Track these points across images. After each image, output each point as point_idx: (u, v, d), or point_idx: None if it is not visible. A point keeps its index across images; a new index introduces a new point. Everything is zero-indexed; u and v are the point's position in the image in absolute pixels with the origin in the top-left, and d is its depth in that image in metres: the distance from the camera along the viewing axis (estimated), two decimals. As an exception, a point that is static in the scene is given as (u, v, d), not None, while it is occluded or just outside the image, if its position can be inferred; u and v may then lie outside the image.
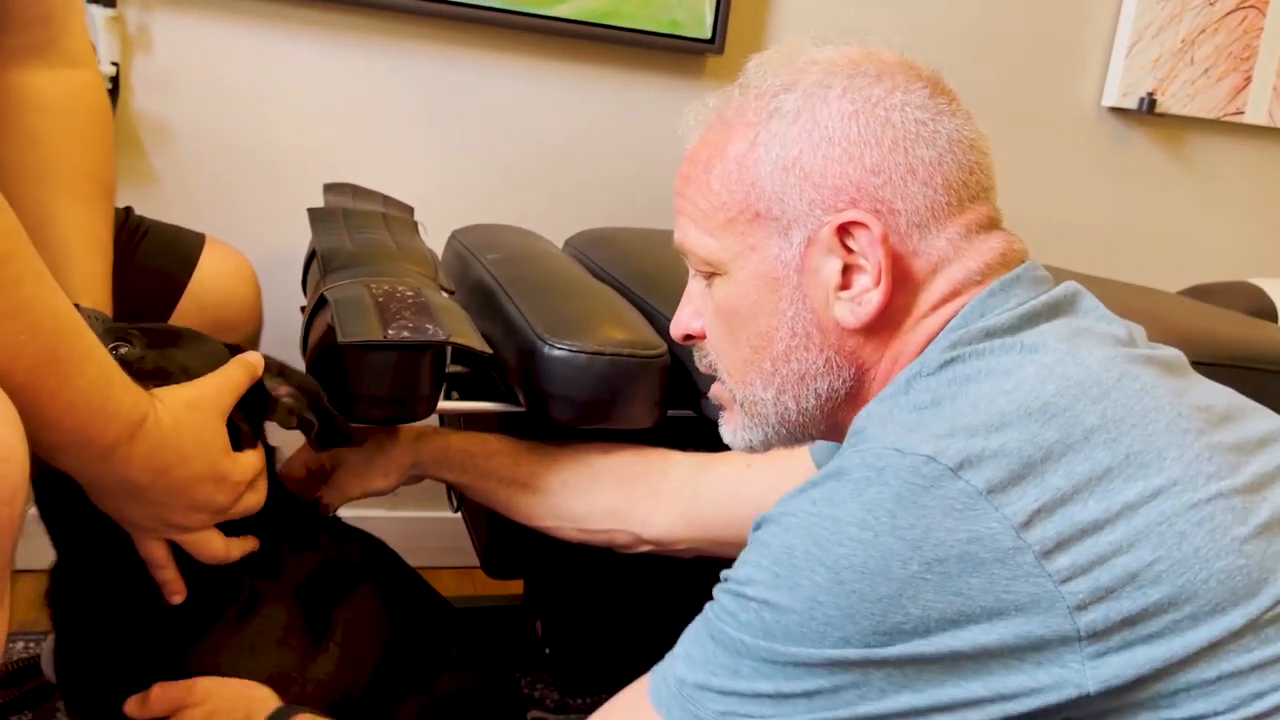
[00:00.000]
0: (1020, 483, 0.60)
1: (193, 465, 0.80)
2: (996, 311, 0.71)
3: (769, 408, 0.78)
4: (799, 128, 0.73)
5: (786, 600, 0.62)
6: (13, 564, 0.64)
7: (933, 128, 0.73)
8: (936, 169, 0.72)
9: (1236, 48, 2.11)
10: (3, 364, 0.63)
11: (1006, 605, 0.59)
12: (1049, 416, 0.62)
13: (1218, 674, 0.60)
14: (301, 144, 1.69)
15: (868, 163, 0.72)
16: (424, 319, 0.99)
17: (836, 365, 0.75)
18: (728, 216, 0.76)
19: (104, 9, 1.53)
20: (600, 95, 1.82)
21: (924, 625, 0.60)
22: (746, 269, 0.76)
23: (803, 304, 0.74)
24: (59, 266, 0.97)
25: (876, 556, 0.60)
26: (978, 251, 0.74)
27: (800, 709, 0.62)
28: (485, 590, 1.74)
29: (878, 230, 0.71)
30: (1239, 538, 0.61)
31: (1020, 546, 0.59)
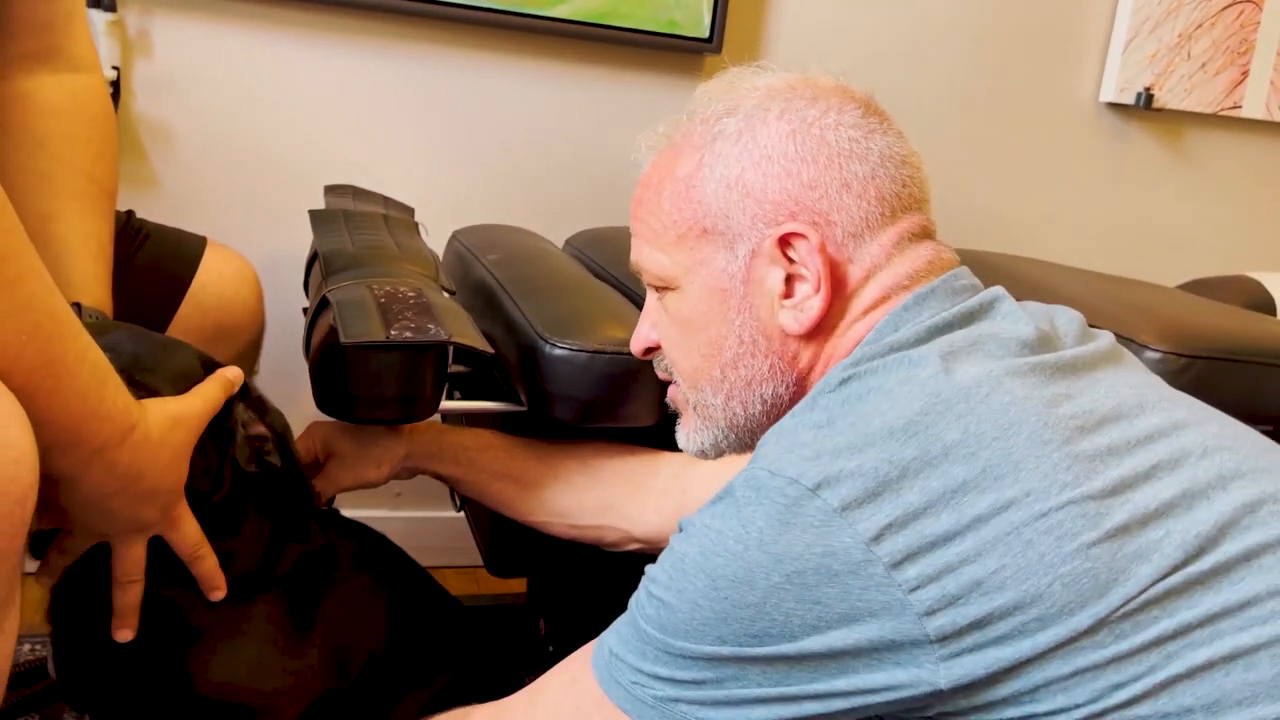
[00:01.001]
0: (874, 500, 0.64)
1: (161, 480, 0.80)
2: (908, 325, 0.75)
3: (719, 412, 0.83)
4: (740, 148, 0.79)
5: (675, 600, 0.69)
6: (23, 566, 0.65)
7: (865, 145, 0.78)
8: (869, 183, 0.78)
9: (1233, 42, 2.12)
10: (4, 364, 0.63)
11: (860, 612, 0.64)
12: (910, 435, 0.66)
13: (1073, 669, 0.64)
14: (302, 146, 1.69)
15: (805, 178, 0.77)
16: (426, 319, 1.00)
17: (780, 371, 0.80)
18: (678, 234, 0.81)
19: (104, 13, 1.53)
20: (599, 95, 1.82)
21: (788, 629, 0.66)
22: (696, 282, 0.81)
23: (749, 313, 0.80)
24: (60, 267, 0.98)
25: (745, 568, 0.66)
26: (907, 259, 0.78)
27: (690, 690, 0.69)
28: (488, 589, 1.74)
29: (815, 240, 0.76)
30: (1087, 542, 0.64)
31: (870, 559, 0.64)
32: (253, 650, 0.92)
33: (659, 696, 0.70)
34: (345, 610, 0.98)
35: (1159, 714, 0.63)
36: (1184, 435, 0.71)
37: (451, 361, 1.09)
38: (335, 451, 1.11)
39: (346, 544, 1.02)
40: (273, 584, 0.94)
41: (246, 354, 1.27)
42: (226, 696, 0.90)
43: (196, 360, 0.89)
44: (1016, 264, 1.61)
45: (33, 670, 1.41)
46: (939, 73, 2.00)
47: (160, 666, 0.89)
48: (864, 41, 1.94)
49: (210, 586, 0.89)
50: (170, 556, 0.87)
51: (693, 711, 0.69)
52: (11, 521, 0.60)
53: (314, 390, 1.03)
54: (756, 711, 0.68)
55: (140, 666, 0.90)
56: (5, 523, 0.59)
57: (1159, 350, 1.20)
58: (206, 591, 0.89)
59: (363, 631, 0.99)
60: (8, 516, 0.59)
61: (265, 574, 0.94)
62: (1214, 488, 0.68)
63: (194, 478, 0.85)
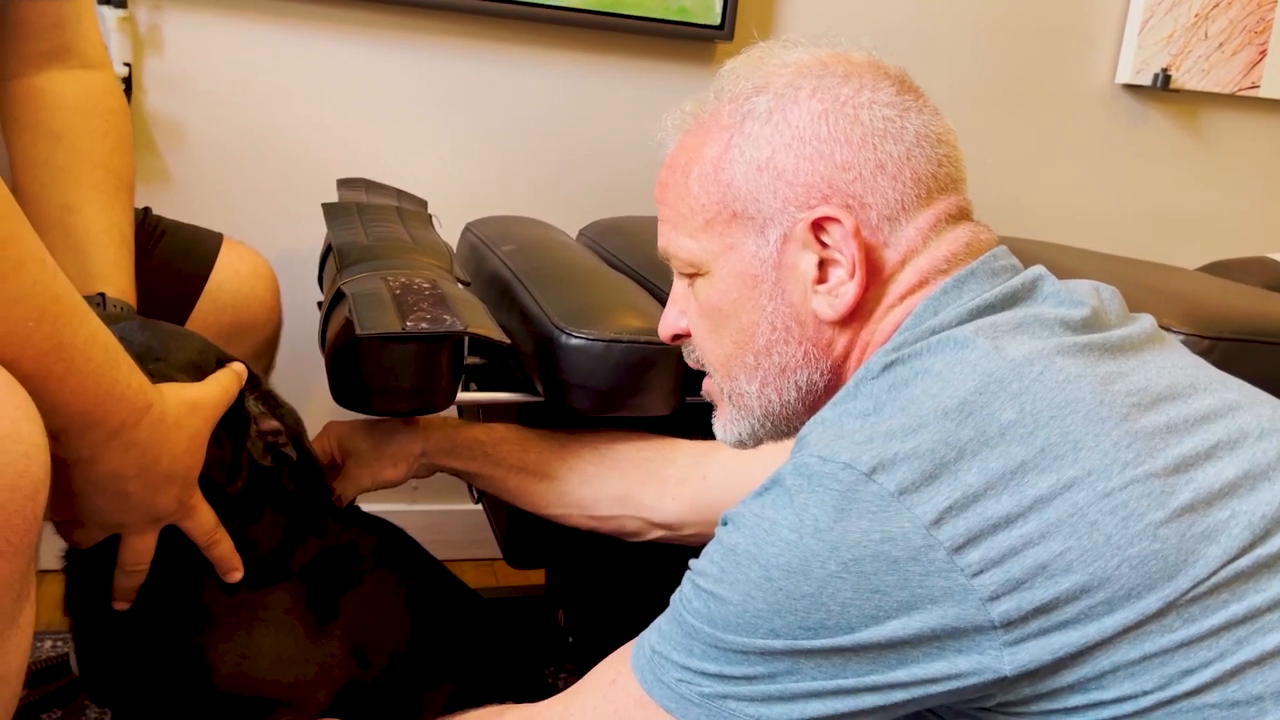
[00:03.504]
0: (932, 482, 0.63)
1: (177, 464, 0.80)
2: (949, 308, 0.73)
3: (754, 401, 0.81)
4: (771, 128, 0.76)
5: (726, 593, 0.67)
6: (38, 561, 0.65)
7: (900, 124, 0.76)
8: (905, 163, 0.75)
9: (1250, 21, 2.10)
10: (11, 352, 0.63)
11: (921, 599, 0.62)
12: (964, 415, 0.64)
13: (1141, 654, 0.62)
14: (314, 140, 1.69)
15: (838, 159, 0.74)
16: (441, 310, 1.00)
17: (814, 358, 0.78)
18: (706, 218, 0.79)
19: (115, 10, 1.53)
20: (611, 84, 1.81)
21: (845, 620, 0.64)
22: (726, 268, 0.79)
23: (781, 299, 0.77)
24: (83, 258, 0.98)
25: (800, 557, 0.64)
26: (944, 242, 0.76)
27: (740, 685, 0.67)
28: (507, 581, 1.74)
29: (850, 224, 0.73)
30: (1154, 522, 0.62)
31: (931, 544, 0.62)
32: (272, 641, 0.92)
33: (706, 693, 0.68)
34: (367, 605, 0.98)
35: (1228, 702, 0.62)
36: (1239, 416, 0.69)
37: (467, 353, 1.09)
38: (351, 451, 1.10)
39: (368, 540, 1.02)
40: (290, 576, 0.94)
41: (263, 350, 1.27)
42: (245, 689, 0.90)
43: (208, 350, 0.89)
44: (1034, 249, 1.60)
45: (54, 666, 1.41)
46: (952, 57, 1.98)
47: (178, 659, 0.89)
48: (876, 27, 1.92)
49: (227, 569, 0.89)
50: (187, 546, 0.86)
51: (742, 708, 0.67)
52: (24, 516, 0.60)
53: (330, 383, 1.03)
54: (811, 706, 0.66)
55: (159, 659, 0.90)
56: (18, 518, 0.59)
57: (1181, 332, 1.19)
58: (223, 574, 0.89)
59: (385, 626, 0.98)
60: (20, 512, 0.59)
61: (281, 564, 0.94)
62: (1275, 469, 0.66)
63: (209, 468, 0.84)
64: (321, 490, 1.00)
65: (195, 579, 0.90)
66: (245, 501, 0.91)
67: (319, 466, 0.98)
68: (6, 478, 0.58)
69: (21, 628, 0.64)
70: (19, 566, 0.61)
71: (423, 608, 1.03)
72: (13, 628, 0.62)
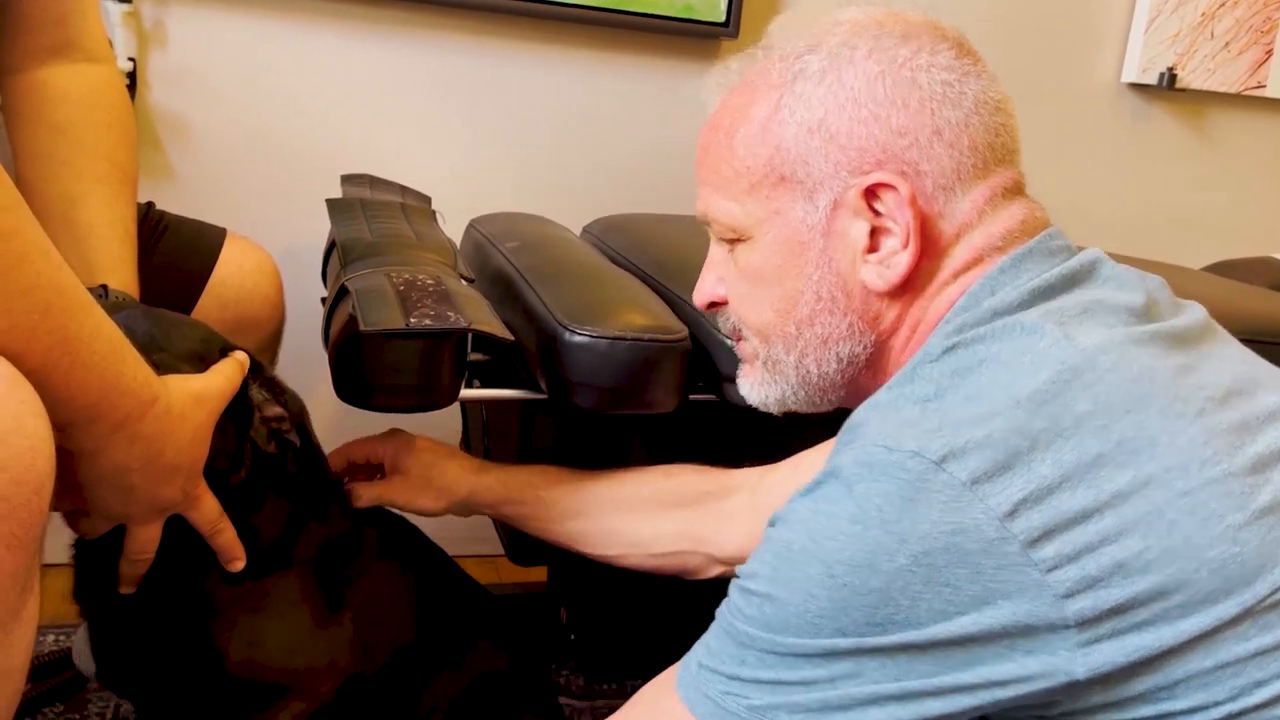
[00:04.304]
0: (1005, 473, 0.60)
1: (182, 456, 0.80)
2: (1007, 289, 0.70)
3: (790, 369, 0.79)
4: (824, 89, 0.73)
5: (784, 594, 0.64)
6: (42, 555, 0.65)
7: (959, 89, 0.72)
8: (963, 131, 0.72)
9: (1257, 21, 2.09)
10: (17, 346, 0.62)
11: (993, 594, 0.60)
12: (1038, 405, 0.62)
13: (1215, 663, 0.60)
14: (318, 135, 1.69)
15: (894, 124, 0.71)
16: (445, 307, 1.00)
17: (859, 330, 0.75)
18: (751, 181, 0.75)
19: (119, 4, 1.53)
20: (615, 81, 1.81)
21: (914, 616, 0.61)
22: (771, 233, 0.76)
23: (828, 267, 0.74)
24: (86, 250, 0.98)
25: (865, 551, 0.61)
26: (1000, 218, 0.73)
27: (795, 692, 0.64)
28: (510, 578, 1.74)
29: (906, 192, 0.70)
30: (1234, 525, 0.60)
31: (1005, 536, 0.59)
32: (279, 628, 0.92)
33: (754, 705, 0.65)
34: (372, 594, 0.98)
35: None
36: None
37: (471, 349, 1.08)
38: (401, 469, 1.08)
39: (371, 531, 1.02)
40: (293, 563, 0.94)
41: (266, 346, 1.27)
42: (257, 675, 0.91)
43: (212, 339, 0.90)
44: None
45: (56, 661, 1.41)
46: (958, 55, 1.98)
47: (188, 646, 0.90)
48: (882, 24, 1.92)
49: (230, 558, 0.89)
50: (191, 534, 0.87)
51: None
52: (29, 510, 0.60)
53: (334, 379, 1.03)
54: (871, 713, 0.62)
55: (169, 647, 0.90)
56: (23, 511, 0.59)
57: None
58: (226, 563, 0.89)
59: (390, 616, 0.99)
60: (25, 505, 0.59)
61: (285, 551, 0.94)
62: None
63: (213, 457, 0.85)
64: (324, 476, 1.00)
65: (201, 566, 0.90)
66: (249, 490, 0.91)
67: (321, 453, 0.98)
68: (12, 471, 0.58)
69: (26, 621, 0.64)
70: (24, 560, 0.61)
71: (427, 598, 1.03)
72: (17, 621, 0.63)
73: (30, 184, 1.00)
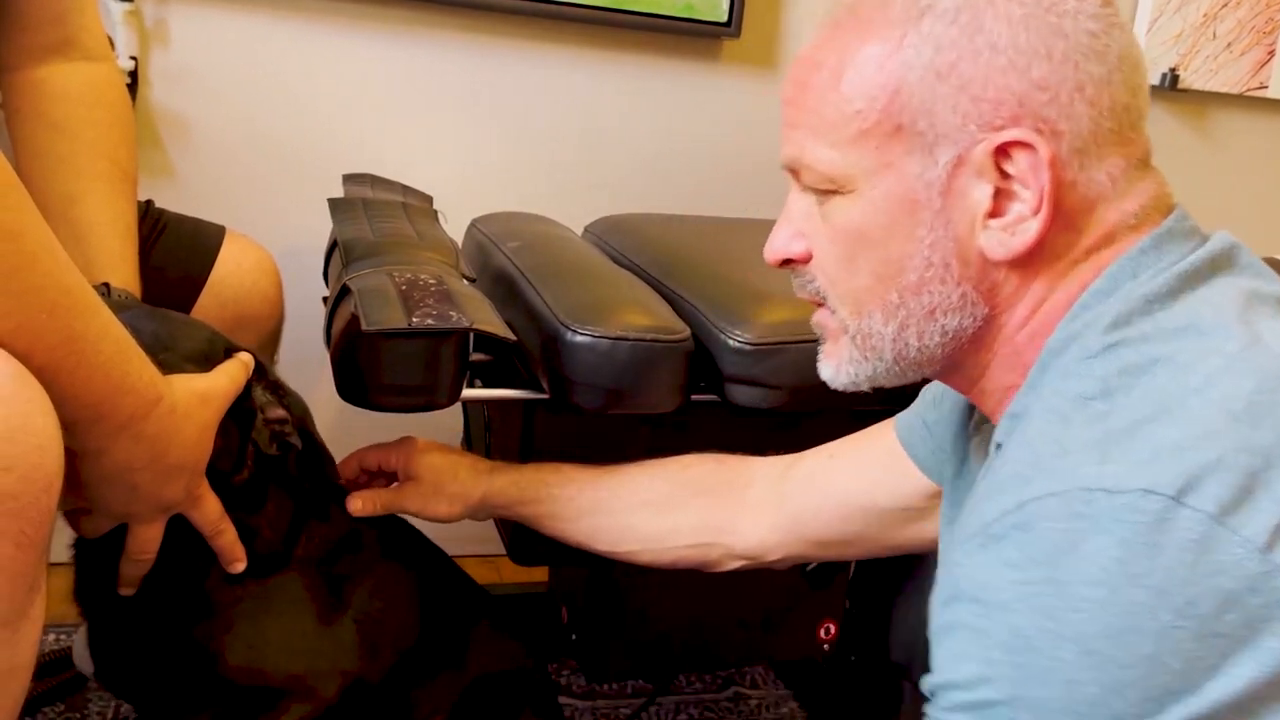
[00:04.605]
0: (1249, 497, 0.53)
1: (186, 456, 0.80)
2: (1150, 271, 0.64)
3: (886, 343, 0.71)
4: (958, 30, 0.64)
5: (1039, 692, 0.54)
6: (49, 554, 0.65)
7: (1104, 41, 0.65)
8: (1104, 89, 0.64)
9: (1259, 21, 2.09)
10: (25, 345, 0.63)
11: (1262, 635, 0.52)
12: (1257, 417, 0.55)
13: None
14: (320, 135, 1.69)
15: (1035, 76, 0.63)
16: (448, 306, 1.00)
17: (972, 301, 0.68)
18: (861, 128, 0.67)
19: (121, 3, 1.53)
20: (616, 81, 1.81)
21: (1191, 680, 0.52)
22: (879, 188, 0.67)
23: (944, 231, 0.66)
24: (87, 248, 0.98)
25: (1121, 615, 0.53)
26: (1135, 192, 0.67)
27: None
28: (511, 578, 1.74)
29: (1045, 153, 0.63)
30: None
31: (1269, 569, 0.52)
32: (282, 629, 0.92)
33: None
34: (373, 595, 0.98)
35: None
36: None
37: (472, 349, 1.08)
38: (413, 476, 1.07)
39: (370, 530, 1.02)
40: (294, 563, 0.94)
41: (266, 344, 1.27)
42: (258, 678, 0.90)
43: (217, 340, 0.90)
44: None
45: (57, 660, 1.41)
46: (960, 55, 1.98)
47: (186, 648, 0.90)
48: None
49: (230, 559, 0.89)
50: (191, 535, 0.87)
51: None
52: (38, 509, 0.60)
53: (335, 378, 1.03)
54: None
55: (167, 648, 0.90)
56: (32, 509, 0.59)
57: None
58: (227, 565, 0.89)
59: (393, 616, 0.99)
60: (34, 504, 0.59)
61: (286, 551, 0.94)
62: None
63: (215, 457, 0.85)
64: (328, 477, 1.00)
65: (201, 568, 0.90)
66: (250, 490, 0.91)
67: (324, 454, 0.98)
68: (21, 470, 0.58)
69: (33, 619, 0.64)
70: (32, 558, 0.61)
71: (428, 599, 1.03)
72: (24, 619, 0.63)
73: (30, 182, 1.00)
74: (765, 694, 1.62)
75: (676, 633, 1.35)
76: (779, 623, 1.38)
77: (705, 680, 1.63)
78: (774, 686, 1.64)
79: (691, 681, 1.63)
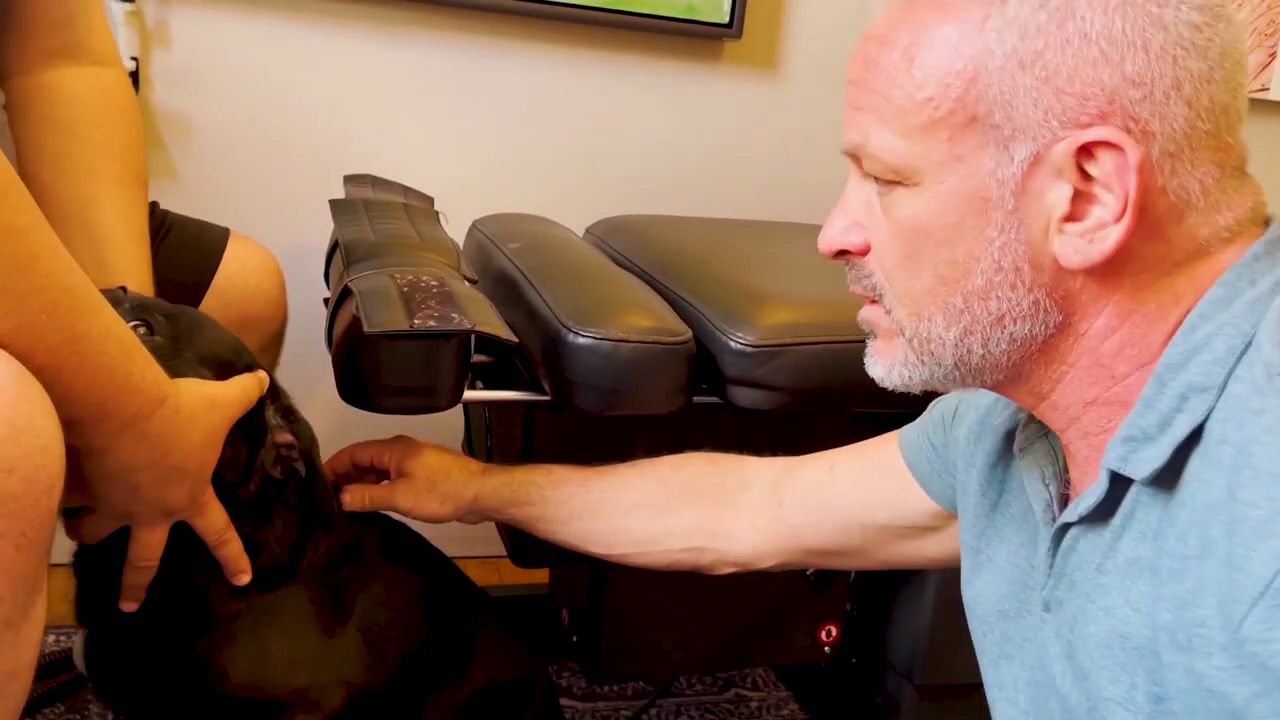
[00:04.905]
0: None
1: (189, 459, 0.80)
2: (1270, 279, 0.60)
3: (947, 349, 0.66)
4: (1046, 15, 0.59)
5: None
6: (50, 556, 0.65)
7: (1207, 35, 0.59)
8: (1204, 88, 0.59)
9: (1261, 24, 2.09)
10: (25, 345, 0.63)
11: None
12: None
13: None
14: (321, 135, 1.69)
15: (1128, 70, 0.58)
16: (449, 308, 0.99)
17: (1045, 309, 0.63)
18: (932, 117, 0.62)
19: (122, 4, 1.53)
20: (618, 82, 1.81)
21: None
22: (948, 183, 0.62)
23: (1016, 233, 0.62)
24: (103, 252, 0.99)
25: None
26: (1230, 202, 0.62)
27: None
28: (511, 579, 1.74)
29: (1134, 156, 0.58)
30: None
31: None
32: (284, 644, 0.92)
33: None
34: (376, 601, 0.97)
35: None
36: None
37: (474, 351, 1.08)
38: (406, 474, 1.07)
39: (370, 535, 1.02)
40: (300, 576, 0.94)
41: (269, 346, 1.27)
42: (257, 694, 0.90)
43: (243, 353, 0.90)
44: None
45: (57, 662, 1.41)
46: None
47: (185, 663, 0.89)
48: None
49: (235, 570, 0.89)
50: (195, 547, 0.86)
51: None
52: (39, 510, 0.60)
53: (337, 379, 1.03)
54: None
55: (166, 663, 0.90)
56: (33, 511, 0.59)
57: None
58: (231, 575, 0.89)
59: (396, 622, 0.98)
60: (35, 505, 0.59)
61: (292, 565, 0.94)
62: None
63: (223, 468, 0.84)
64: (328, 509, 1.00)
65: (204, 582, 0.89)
66: (257, 504, 0.91)
67: (328, 486, 0.97)
68: (23, 472, 0.58)
69: (34, 620, 0.64)
70: (33, 559, 0.61)
71: (431, 603, 1.02)
72: (26, 621, 0.63)
73: (44, 186, 1.00)
74: (766, 696, 1.62)
75: (677, 635, 1.35)
76: (780, 625, 1.38)
77: (706, 682, 1.63)
78: (775, 688, 1.64)
79: (692, 683, 1.63)
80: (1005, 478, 0.79)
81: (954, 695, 1.33)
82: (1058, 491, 0.71)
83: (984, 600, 0.79)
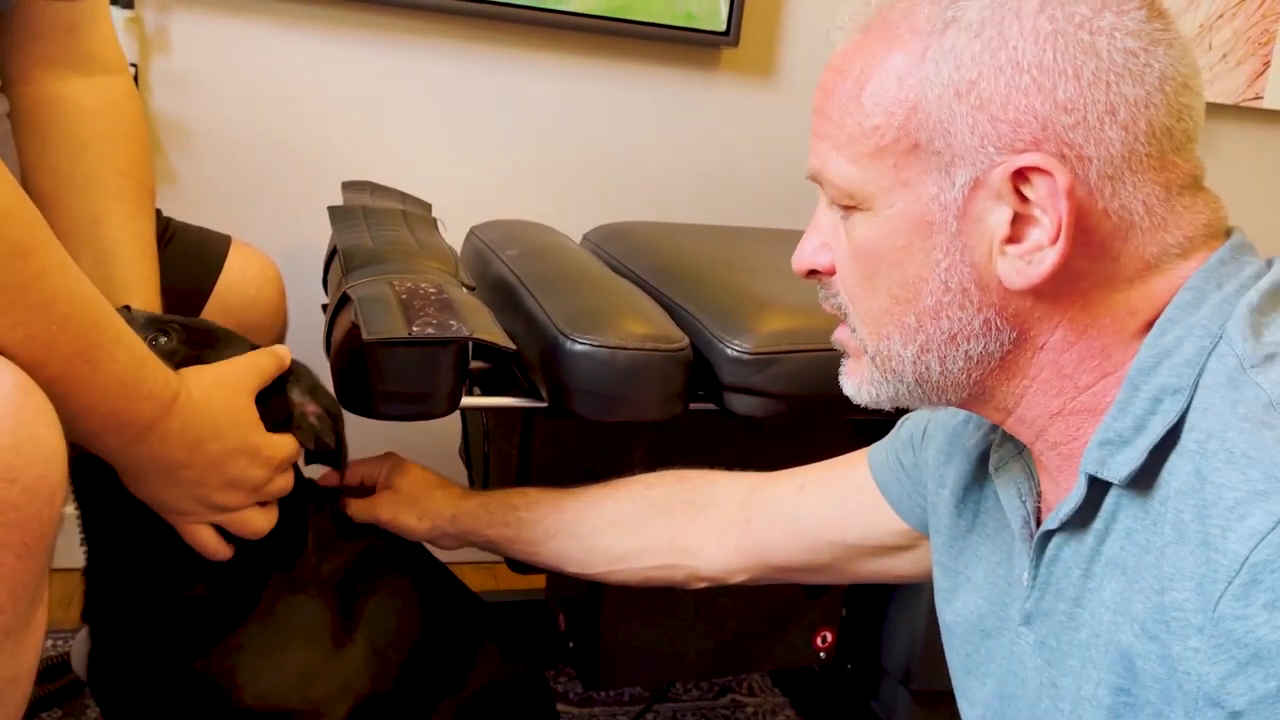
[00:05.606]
0: None
1: (226, 439, 0.82)
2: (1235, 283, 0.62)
3: (906, 366, 0.68)
4: (981, 45, 0.61)
5: None
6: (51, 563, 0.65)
7: (1144, 60, 0.61)
8: (1141, 112, 0.60)
9: (1255, 33, 2.10)
10: (37, 357, 0.64)
11: None
12: None
13: None
14: (320, 142, 1.70)
15: (1060, 97, 0.60)
16: (447, 315, 1.00)
17: (997, 327, 0.65)
18: (879, 144, 0.64)
19: (122, 10, 1.53)
20: (615, 89, 1.82)
21: None
22: (896, 207, 0.65)
23: (960, 255, 0.64)
24: (111, 268, 0.99)
25: None
26: (1179, 220, 0.63)
27: None
28: (507, 585, 1.74)
29: (1064, 181, 0.60)
30: None
31: None
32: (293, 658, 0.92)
33: None
34: (385, 611, 0.98)
35: None
36: None
37: (471, 357, 1.09)
38: (392, 486, 1.09)
39: (376, 542, 1.03)
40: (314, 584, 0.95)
41: (269, 352, 1.28)
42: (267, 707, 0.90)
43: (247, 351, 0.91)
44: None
45: (55, 666, 1.41)
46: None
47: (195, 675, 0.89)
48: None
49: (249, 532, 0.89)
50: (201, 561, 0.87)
51: None
52: (41, 520, 0.60)
53: (335, 386, 1.03)
54: None
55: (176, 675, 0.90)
56: (35, 521, 0.60)
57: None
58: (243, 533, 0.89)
59: (401, 632, 0.99)
60: (37, 515, 0.60)
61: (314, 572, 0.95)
62: None
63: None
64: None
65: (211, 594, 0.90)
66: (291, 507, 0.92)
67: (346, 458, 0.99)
68: (25, 482, 0.59)
69: (35, 628, 0.64)
70: (35, 569, 0.61)
71: (434, 613, 1.03)
72: (27, 629, 0.63)
73: (51, 200, 1.00)
74: (762, 701, 1.62)
75: (673, 640, 1.35)
76: (776, 631, 1.39)
77: (702, 688, 1.64)
78: (771, 694, 1.64)
79: (688, 689, 1.63)
80: (981, 498, 0.80)
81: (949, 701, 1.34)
82: (1033, 506, 0.72)
83: (964, 620, 0.80)
